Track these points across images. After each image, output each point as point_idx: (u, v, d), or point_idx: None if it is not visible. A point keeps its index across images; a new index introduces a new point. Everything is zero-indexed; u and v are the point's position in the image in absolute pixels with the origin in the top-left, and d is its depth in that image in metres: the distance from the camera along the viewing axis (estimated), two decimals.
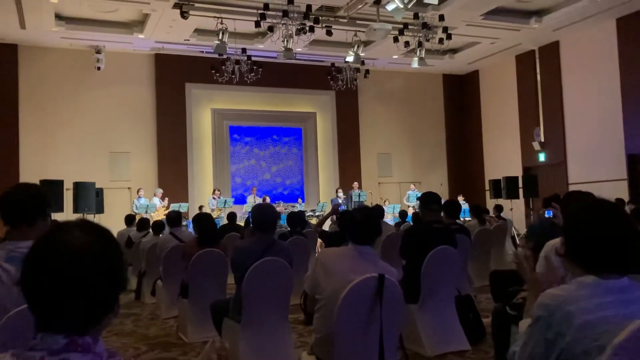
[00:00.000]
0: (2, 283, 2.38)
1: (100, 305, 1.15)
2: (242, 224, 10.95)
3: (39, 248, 1.15)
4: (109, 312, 1.17)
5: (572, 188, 14.06)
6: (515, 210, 14.57)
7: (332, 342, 2.87)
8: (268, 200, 14.22)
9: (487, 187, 16.68)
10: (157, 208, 13.52)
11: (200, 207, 13.57)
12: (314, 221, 13.07)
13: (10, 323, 2.18)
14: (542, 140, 15.95)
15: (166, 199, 13.99)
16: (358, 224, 3.12)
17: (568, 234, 1.83)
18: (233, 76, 13.51)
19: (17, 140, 13.94)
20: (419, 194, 8.02)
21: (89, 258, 1.13)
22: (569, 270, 1.85)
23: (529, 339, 1.74)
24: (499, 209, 12.11)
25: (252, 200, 14.69)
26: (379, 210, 7.64)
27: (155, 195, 13.95)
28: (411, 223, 10.31)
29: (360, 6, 12.13)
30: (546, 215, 4.82)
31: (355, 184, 15.85)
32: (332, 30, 12.81)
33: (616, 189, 12.56)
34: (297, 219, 8.02)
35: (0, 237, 2.74)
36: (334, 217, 8.43)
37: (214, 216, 12.57)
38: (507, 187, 14.52)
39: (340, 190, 15.38)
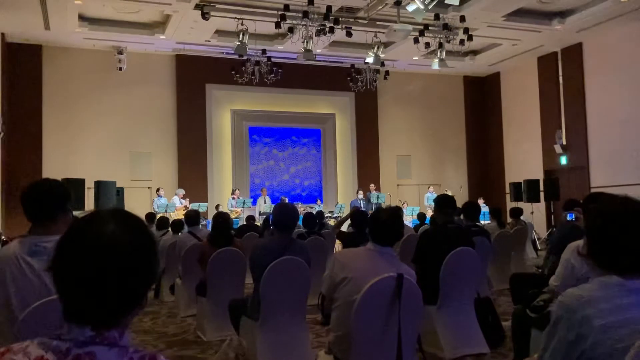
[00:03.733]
0: (25, 277, 2.41)
1: (130, 298, 1.14)
2: (258, 224, 10.99)
3: (72, 237, 1.13)
4: (137, 306, 1.16)
5: (594, 192, 13.86)
6: (536, 214, 14.42)
7: (349, 342, 2.86)
8: (286, 201, 14.23)
9: (507, 190, 16.52)
10: (176, 207, 13.61)
11: (217, 207, 13.62)
12: (332, 222, 13.06)
13: (32, 316, 2.21)
14: (564, 143, 15.74)
15: (187, 199, 14.06)
16: (382, 224, 3.09)
17: (590, 233, 1.80)
18: (253, 77, 13.57)
19: (40, 139, 14.18)
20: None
21: (123, 250, 1.11)
22: (592, 270, 1.82)
23: (550, 339, 1.71)
24: (517, 212, 11.91)
25: (262, 201, 14.71)
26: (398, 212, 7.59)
27: (176, 194, 14.04)
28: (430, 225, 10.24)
29: (380, 7, 12.09)
30: (568, 219, 4.76)
31: (372, 185, 15.77)
32: (352, 31, 12.78)
33: None
34: (312, 220, 8.02)
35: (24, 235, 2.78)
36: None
37: (233, 216, 12.66)
38: (528, 190, 14.36)
39: (360, 192, 15.34)
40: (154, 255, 1.19)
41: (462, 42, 12.47)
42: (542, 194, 14.64)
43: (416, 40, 12.40)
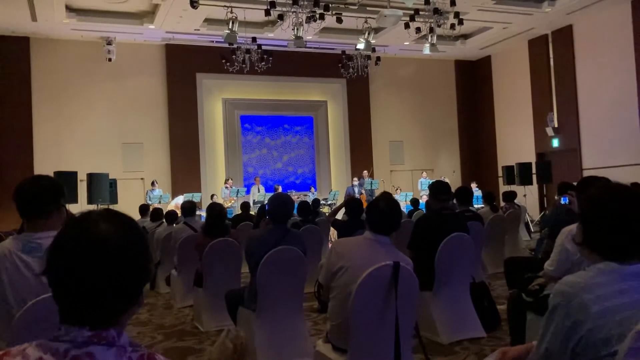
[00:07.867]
0: (21, 274, 2.40)
1: (126, 297, 1.14)
2: (252, 212, 10.97)
3: (64, 240, 1.13)
4: (134, 304, 1.17)
5: (586, 173, 13.93)
6: (529, 196, 14.48)
7: (347, 330, 2.87)
8: (280, 189, 14.22)
9: (500, 173, 16.58)
10: (176, 205, 13.48)
11: (212, 196, 13.57)
12: (325, 210, 13.08)
13: (28, 314, 2.20)
14: (556, 125, 15.79)
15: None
16: (380, 213, 3.08)
17: (585, 220, 1.80)
18: (244, 65, 13.49)
19: (31, 132, 14.07)
20: (431, 182, 7.97)
21: (115, 250, 1.11)
22: (586, 257, 1.82)
23: (548, 326, 1.72)
24: (510, 195, 11.93)
25: (256, 190, 14.68)
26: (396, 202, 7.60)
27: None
28: (424, 210, 10.30)
29: None
30: (562, 202, 4.78)
31: (365, 172, 15.77)
32: (343, 18, 12.70)
33: (632, 174, 12.42)
34: (307, 208, 8.03)
35: (16, 229, 2.77)
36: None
37: (227, 206, 12.63)
38: (520, 174, 14.41)
39: (355, 179, 15.35)
40: (146, 252, 1.19)
41: (452, 26, 12.41)
42: (534, 177, 14.70)
43: (407, 26, 12.34)
